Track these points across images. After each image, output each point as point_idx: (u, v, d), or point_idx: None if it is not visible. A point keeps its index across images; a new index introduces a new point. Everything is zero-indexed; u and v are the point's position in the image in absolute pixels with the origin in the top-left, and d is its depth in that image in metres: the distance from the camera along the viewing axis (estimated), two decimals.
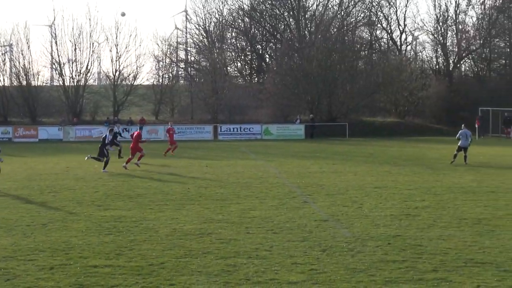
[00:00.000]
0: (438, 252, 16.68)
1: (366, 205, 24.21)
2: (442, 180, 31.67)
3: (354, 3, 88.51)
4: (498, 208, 23.50)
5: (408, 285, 13.90)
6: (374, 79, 79.30)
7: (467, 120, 74.48)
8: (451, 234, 18.82)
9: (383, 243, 17.71)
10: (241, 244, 17.64)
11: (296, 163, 40.43)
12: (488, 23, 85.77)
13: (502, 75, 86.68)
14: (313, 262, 15.76)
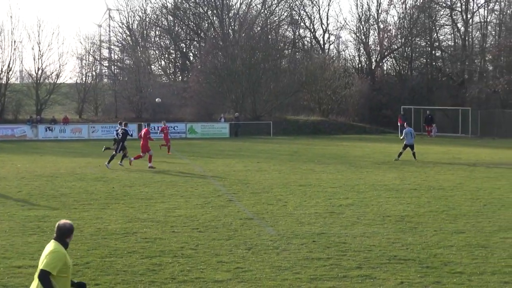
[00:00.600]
0: (362, 249, 16.87)
1: (291, 203, 24.33)
2: (366, 178, 32.04)
3: (277, 2, 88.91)
4: (421, 205, 23.91)
5: (333, 282, 13.99)
6: (298, 77, 79.69)
7: (389, 118, 76.01)
8: (374, 232, 19.06)
9: (307, 241, 17.82)
10: (167, 243, 17.59)
11: (221, 161, 40.44)
12: (409, 22, 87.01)
13: (423, 74, 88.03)
14: (239, 260, 15.80)
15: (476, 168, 37.16)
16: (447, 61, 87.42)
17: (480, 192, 27.24)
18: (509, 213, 22.19)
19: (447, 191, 27.53)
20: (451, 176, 33.29)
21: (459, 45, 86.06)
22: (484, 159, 42.35)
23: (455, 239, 18.03)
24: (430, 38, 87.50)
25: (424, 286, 13.82)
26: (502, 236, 18.50)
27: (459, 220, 20.96)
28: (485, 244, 17.45)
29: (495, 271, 14.87)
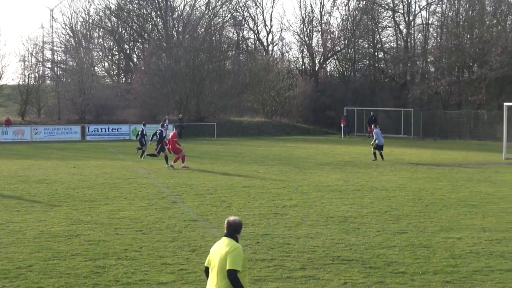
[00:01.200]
0: (306, 250, 16.97)
1: (235, 204, 24.40)
2: (309, 179, 32.20)
3: (221, 3, 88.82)
4: (363, 206, 24.13)
5: (277, 283, 14.07)
6: (242, 79, 79.77)
7: (332, 119, 76.52)
8: (318, 232, 19.18)
9: (251, 242, 17.89)
10: (110, 245, 17.52)
11: (163, 163, 40.18)
12: (352, 24, 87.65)
13: (366, 75, 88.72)
14: (183, 262, 15.81)
15: (418, 169, 37.59)
16: (390, 63, 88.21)
17: (422, 193, 27.59)
18: (451, 213, 22.51)
19: (390, 192, 27.82)
20: (393, 177, 33.64)
21: (401, 46, 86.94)
22: (426, 160, 42.85)
23: (398, 239, 18.23)
24: (373, 39, 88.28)
25: (367, 286, 13.96)
26: (444, 236, 18.75)
27: (401, 220, 21.20)
28: (427, 244, 17.67)
29: (437, 270, 15.08)
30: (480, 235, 18.92)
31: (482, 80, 70.90)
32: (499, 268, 15.26)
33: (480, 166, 39.61)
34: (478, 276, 14.68)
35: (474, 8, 76.58)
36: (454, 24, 78.12)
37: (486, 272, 14.94)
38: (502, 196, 26.80)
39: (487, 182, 31.67)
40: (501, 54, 68.54)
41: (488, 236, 18.71)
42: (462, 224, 20.63)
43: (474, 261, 15.91)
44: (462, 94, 74.75)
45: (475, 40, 73.29)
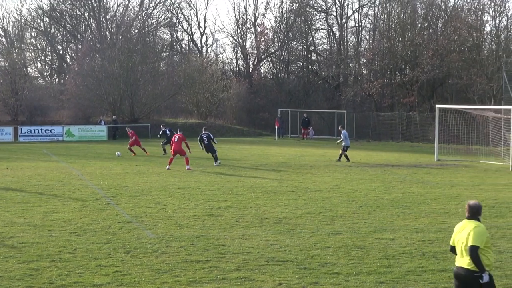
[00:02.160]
0: (241, 251, 17.02)
1: (170, 206, 24.34)
2: (244, 181, 32.30)
3: (154, 4, 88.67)
4: (298, 207, 24.27)
5: (212, 285, 14.10)
6: (176, 80, 79.58)
7: (267, 121, 76.85)
8: (253, 234, 19.26)
9: (186, 243, 17.89)
10: (44, 247, 17.35)
11: (99, 164, 39.99)
12: (286, 26, 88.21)
13: (300, 77, 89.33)
14: (118, 264, 15.74)
15: (351, 170, 37.97)
16: (323, 65, 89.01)
17: (356, 194, 27.88)
18: (384, 214, 22.78)
19: (324, 193, 28.04)
20: (327, 178, 33.92)
21: (334, 49, 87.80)
22: (359, 161, 43.31)
23: (332, 240, 18.37)
24: (306, 41, 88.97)
25: (302, 287, 14.04)
26: (377, 236, 18.96)
27: (335, 221, 21.38)
28: (361, 245, 17.84)
29: (371, 271, 15.23)
30: (413, 235, 19.17)
31: (414, 82, 72.01)
32: (432, 268, 15.49)
33: (412, 168, 40.22)
34: (411, 276, 14.88)
35: (405, 11, 77.64)
36: (386, 27, 79.18)
37: (419, 272, 15.16)
38: (434, 197, 27.23)
39: (420, 183, 32.16)
40: (432, 56, 69.68)
41: (420, 237, 18.97)
42: (395, 225, 20.89)
43: (407, 262, 16.11)
44: (395, 96, 75.83)
45: (407, 43, 74.34)
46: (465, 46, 71.49)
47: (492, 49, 70.57)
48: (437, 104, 50.58)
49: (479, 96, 67.38)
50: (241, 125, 79.11)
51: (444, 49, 70.49)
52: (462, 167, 40.88)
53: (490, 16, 70.78)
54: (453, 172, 38.15)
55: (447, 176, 35.55)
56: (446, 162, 44.07)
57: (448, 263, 15.79)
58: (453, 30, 70.95)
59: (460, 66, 69.70)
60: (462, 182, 33.06)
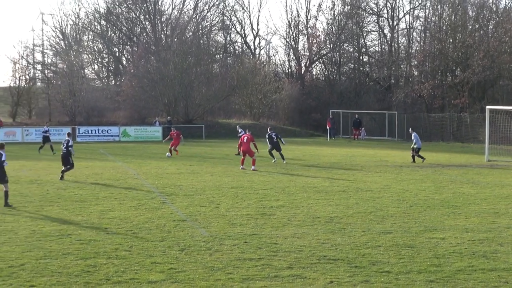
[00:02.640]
0: (293, 249, 17.14)
1: (223, 205, 24.62)
2: (296, 180, 32.48)
3: (208, 7, 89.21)
4: (349, 206, 24.41)
5: (264, 282, 14.21)
6: (229, 82, 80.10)
7: (318, 121, 76.89)
8: (305, 232, 19.39)
9: (239, 241, 18.06)
10: (101, 245, 17.68)
11: (154, 164, 40.45)
12: (337, 29, 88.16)
13: (351, 79, 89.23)
14: (172, 261, 15.95)
15: (402, 171, 37.95)
16: (374, 66, 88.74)
17: (406, 194, 27.92)
18: (434, 214, 22.79)
19: (375, 193, 28.14)
20: (378, 178, 33.99)
21: (385, 50, 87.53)
22: (410, 162, 43.17)
23: (383, 239, 18.43)
24: (357, 44, 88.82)
25: (352, 285, 14.08)
26: (427, 236, 18.96)
27: (386, 221, 21.46)
28: (411, 244, 17.85)
29: (421, 270, 15.23)
30: (463, 235, 19.14)
31: (465, 83, 71.49)
32: (482, 268, 15.45)
33: (463, 168, 40.06)
34: (461, 275, 14.85)
35: (456, 13, 77.14)
36: (437, 28, 78.74)
37: (468, 272, 15.13)
38: (484, 197, 27.18)
39: (470, 183, 32.09)
40: (483, 58, 69.14)
41: (470, 237, 18.92)
42: (445, 224, 20.90)
43: (457, 261, 16.08)
44: (445, 98, 75.37)
45: (458, 44, 73.84)
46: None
47: None
48: (488, 105, 50.26)
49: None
50: (293, 126, 79.24)
51: (495, 51, 69.89)
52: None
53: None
54: (504, 172, 37.93)
55: (497, 177, 35.38)
56: (497, 162, 43.80)
57: (498, 263, 15.83)
58: (504, 32, 70.30)
59: (511, 68, 69.08)
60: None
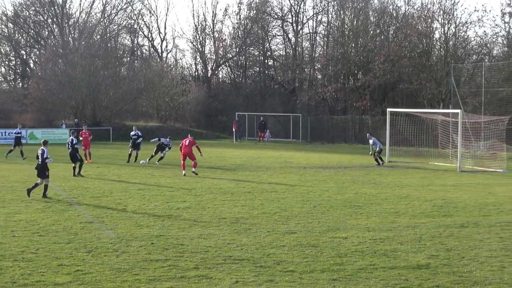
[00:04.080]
0: (199, 250, 17.24)
1: (130, 206, 24.65)
2: (202, 182, 32.70)
3: (116, 11, 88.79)
4: (254, 207, 24.71)
5: (171, 283, 14.24)
6: (137, 84, 79.86)
7: (225, 124, 77.36)
8: (211, 233, 19.55)
9: (146, 243, 18.10)
10: (7, 248, 17.47)
11: (62, 166, 39.80)
12: (243, 33, 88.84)
13: (256, 82, 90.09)
14: (79, 263, 15.86)
15: (306, 172, 38.58)
16: (279, 70, 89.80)
17: (310, 194, 28.41)
18: (337, 214, 23.23)
19: (280, 194, 28.55)
20: (283, 179, 34.48)
21: (290, 54, 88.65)
22: (314, 163, 43.83)
23: (287, 239, 18.65)
24: (263, 47, 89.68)
25: (257, 284, 14.16)
26: (330, 235, 19.28)
27: (290, 221, 21.76)
28: (315, 244, 18.10)
29: (324, 269, 15.42)
30: (365, 234, 19.52)
31: (366, 87, 73.04)
32: (382, 266, 15.72)
33: (364, 169, 40.94)
34: (363, 273, 15.06)
35: (358, 18, 78.78)
36: (340, 33, 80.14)
37: (370, 270, 15.36)
38: (385, 197, 27.87)
39: (371, 184, 32.86)
40: (384, 62, 70.79)
41: (372, 236, 19.30)
42: (348, 224, 21.28)
43: (359, 259, 16.33)
44: (348, 100, 76.83)
45: (360, 48, 75.41)
46: (415, 52, 72.65)
47: (441, 55, 71.66)
48: (388, 108, 51.49)
49: (428, 100, 68.53)
50: (200, 128, 79.48)
51: (395, 55, 71.61)
52: (412, 169, 41.71)
53: (439, 24, 71.88)
54: (404, 173, 38.99)
55: (397, 177, 36.35)
56: (397, 163, 44.87)
57: (398, 261, 16.20)
58: (404, 37, 72.08)
59: (411, 71, 70.83)
60: (412, 183, 33.83)
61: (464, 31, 72.33)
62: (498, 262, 16.15)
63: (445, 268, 15.55)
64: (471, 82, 65.39)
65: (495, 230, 20.47)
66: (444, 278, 14.62)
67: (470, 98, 62.96)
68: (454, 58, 68.86)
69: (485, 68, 62.77)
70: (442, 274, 15.02)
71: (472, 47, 74.09)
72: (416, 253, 17.12)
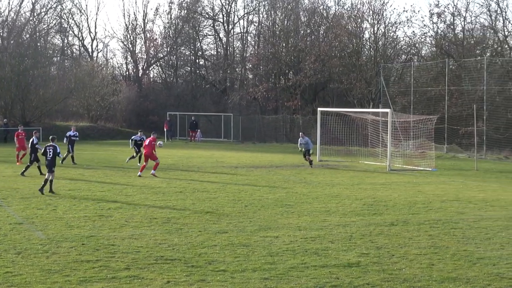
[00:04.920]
0: (131, 250, 17.18)
1: (60, 207, 24.38)
2: (133, 182, 32.58)
3: (46, 10, 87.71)
4: (186, 207, 24.72)
5: (102, 284, 14.16)
6: (67, 84, 79.14)
7: (156, 124, 77.14)
8: (142, 233, 19.50)
9: (77, 244, 17.96)
10: None
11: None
12: (174, 32, 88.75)
13: (188, 82, 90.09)
14: (8, 265, 15.65)
15: (238, 171, 38.72)
16: (210, 70, 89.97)
17: (241, 194, 28.53)
18: (268, 213, 23.37)
19: (211, 193, 28.62)
20: (214, 179, 34.56)
21: (221, 54, 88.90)
22: (245, 162, 44.00)
23: (219, 239, 18.70)
24: (194, 47, 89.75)
25: (189, 284, 14.16)
26: (262, 235, 19.38)
27: (222, 220, 21.82)
28: (246, 243, 18.17)
29: (255, 268, 15.49)
30: (296, 233, 19.64)
31: (297, 86, 73.57)
32: (314, 265, 15.83)
33: (295, 168, 41.27)
34: (294, 272, 15.14)
35: (289, 18, 79.31)
36: (271, 33, 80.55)
37: (301, 269, 15.46)
38: (316, 196, 28.14)
39: (302, 183, 33.15)
40: (314, 62, 71.36)
41: (303, 234, 19.43)
42: (279, 223, 21.41)
43: (291, 258, 16.42)
44: (279, 100, 77.27)
45: (291, 48, 75.90)
46: (346, 52, 73.42)
47: (370, 55, 72.51)
48: (319, 107, 51.96)
49: (358, 99, 69.31)
50: (131, 128, 79.06)
51: (325, 55, 72.27)
52: (343, 167, 42.23)
53: (369, 24, 72.75)
54: (334, 172, 39.43)
55: (328, 176, 36.73)
56: (328, 162, 45.35)
57: (329, 259, 16.35)
58: (334, 37, 72.80)
59: (341, 71, 71.54)
60: (343, 181, 34.25)
61: (393, 31, 73.38)
62: (427, 260, 16.43)
63: (375, 266, 15.74)
64: (400, 82, 66.40)
65: (424, 228, 20.84)
66: (374, 276, 14.82)
67: (399, 98, 63.94)
68: (383, 58, 69.78)
69: (414, 68, 63.80)
70: (372, 272, 15.21)
71: (401, 47, 75.14)
72: (347, 251, 17.31)
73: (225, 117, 75.88)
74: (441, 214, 23.86)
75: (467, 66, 59.89)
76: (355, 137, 52.20)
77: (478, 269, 15.61)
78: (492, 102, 57.28)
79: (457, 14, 69.32)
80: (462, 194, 29.66)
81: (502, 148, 54.52)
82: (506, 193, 30.01)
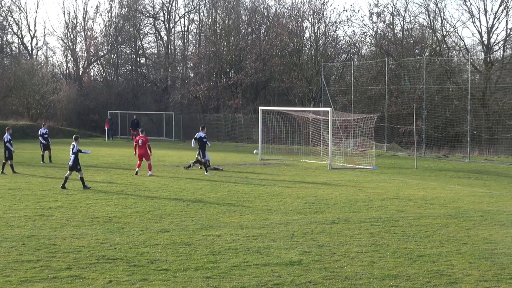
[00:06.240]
0: (72, 250, 17.05)
1: (0, 206, 24.14)
2: (75, 181, 32.04)
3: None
4: (127, 206, 24.64)
5: (43, 284, 14.03)
6: (6, 82, 78.32)
7: (97, 122, 76.76)
8: (83, 233, 19.37)
9: (17, 243, 17.79)
10: None
11: None
12: (115, 30, 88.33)
13: (129, 80, 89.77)
14: None
15: (179, 170, 38.71)
16: (151, 68, 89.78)
17: (183, 193, 28.53)
18: (210, 212, 23.39)
19: (153, 192, 28.57)
20: (156, 177, 34.47)
21: (162, 53, 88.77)
22: (187, 161, 43.93)
23: (161, 238, 18.67)
24: (135, 45, 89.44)
25: (131, 283, 14.11)
26: (204, 233, 19.39)
27: (164, 219, 21.79)
28: (188, 242, 18.16)
29: (198, 267, 15.49)
30: (238, 232, 19.70)
31: (239, 85, 73.82)
32: (256, 263, 15.88)
33: (237, 167, 41.37)
34: (236, 271, 15.17)
35: (230, 17, 79.50)
36: (212, 32, 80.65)
37: (243, 267, 15.48)
38: (258, 195, 28.21)
39: (244, 182, 33.21)
40: (255, 61, 71.69)
41: (245, 233, 19.49)
42: (221, 222, 21.44)
43: (233, 257, 16.46)
44: (220, 99, 77.45)
45: (232, 47, 76.12)
46: (287, 51, 73.95)
47: (311, 54, 73.12)
48: (260, 106, 52.14)
49: (299, 98, 69.84)
50: (72, 127, 78.61)
51: (266, 54, 72.65)
52: (284, 166, 42.43)
53: (309, 23, 73.37)
54: (275, 170, 39.60)
55: (270, 175, 36.90)
56: (269, 161, 45.52)
57: (271, 258, 16.42)
58: (275, 36, 73.27)
59: (282, 70, 71.99)
60: (284, 180, 34.39)
61: (334, 30, 74.18)
62: (368, 258, 16.60)
63: (317, 264, 15.85)
64: (340, 81, 66.98)
65: (365, 226, 21.04)
66: (316, 274, 14.93)
67: (340, 97, 64.48)
68: (324, 57, 70.36)
69: (354, 67, 64.40)
70: (314, 270, 15.33)
71: (341, 46, 75.88)
72: (289, 249, 17.42)
73: (167, 116, 75.79)
74: (381, 212, 24.11)
75: (407, 66, 60.65)
76: (296, 136, 52.54)
77: (418, 266, 15.81)
78: (431, 101, 58.13)
79: (397, 14, 70.36)
80: (402, 192, 30.00)
81: (441, 146, 55.35)
82: (445, 191, 30.42)
